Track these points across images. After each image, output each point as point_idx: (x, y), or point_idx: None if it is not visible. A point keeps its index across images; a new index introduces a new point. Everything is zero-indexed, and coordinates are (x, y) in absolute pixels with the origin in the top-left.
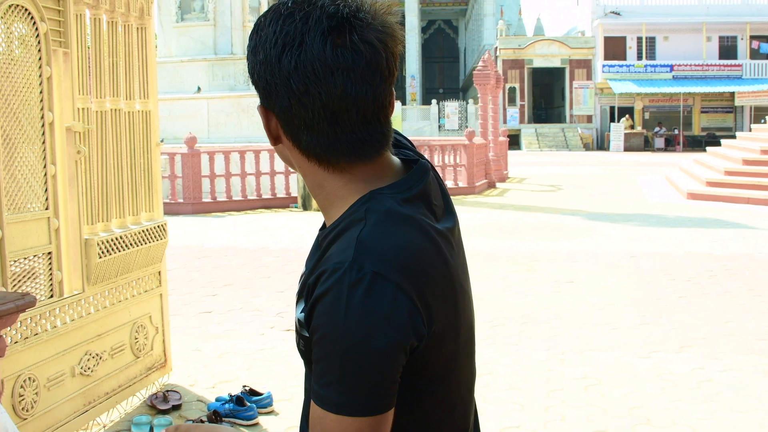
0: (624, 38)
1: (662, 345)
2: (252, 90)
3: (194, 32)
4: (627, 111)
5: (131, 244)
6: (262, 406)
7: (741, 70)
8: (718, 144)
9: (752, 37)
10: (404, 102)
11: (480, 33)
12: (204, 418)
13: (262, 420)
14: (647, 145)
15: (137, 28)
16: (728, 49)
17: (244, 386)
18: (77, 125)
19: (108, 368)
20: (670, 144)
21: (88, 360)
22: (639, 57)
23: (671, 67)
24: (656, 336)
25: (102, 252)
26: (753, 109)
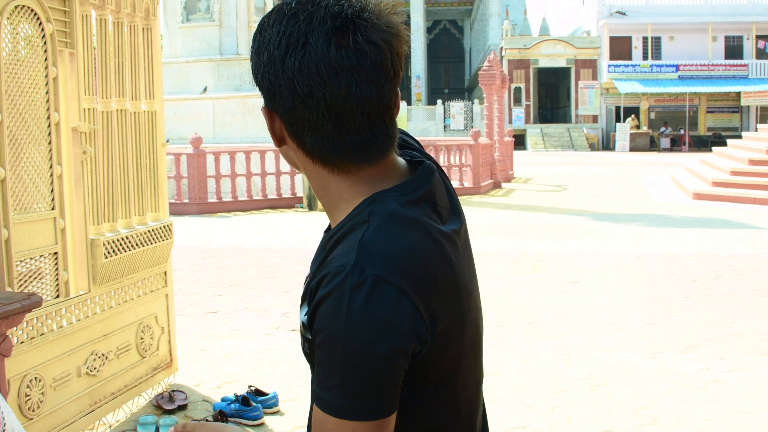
0: (629, 38)
1: (668, 345)
2: (257, 90)
3: (200, 33)
4: (632, 111)
5: (137, 245)
6: (268, 407)
7: (747, 70)
8: (724, 144)
9: (758, 37)
10: (409, 102)
11: (485, 33)
12: (209, 418)
13: (268, 420)
14: (653, 145)
15: (143, 29)
16: (734, 49)
17: (250, 386)
18: (83, 126)
19: (114, 368)
20: (676, 144)
21: (94, 360)
22: (645, 57)
23: (677, 67)
24: (662, 336)
25: (108, 252)
26: (759, 109)
